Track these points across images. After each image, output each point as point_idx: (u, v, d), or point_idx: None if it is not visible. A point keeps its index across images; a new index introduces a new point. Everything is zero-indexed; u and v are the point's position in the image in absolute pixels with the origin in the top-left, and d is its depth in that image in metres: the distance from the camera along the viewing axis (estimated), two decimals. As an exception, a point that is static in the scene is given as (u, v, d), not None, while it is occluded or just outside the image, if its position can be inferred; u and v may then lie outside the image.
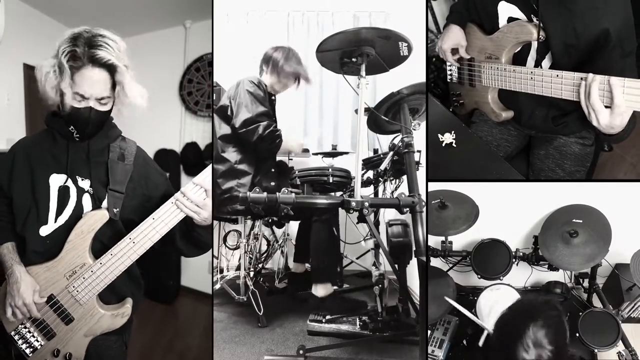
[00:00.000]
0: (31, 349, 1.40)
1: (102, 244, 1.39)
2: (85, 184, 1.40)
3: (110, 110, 1.40)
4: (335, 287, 2.52)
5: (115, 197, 1.38)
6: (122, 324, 1.44)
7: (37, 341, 1.40)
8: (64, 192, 1.38)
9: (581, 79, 1.56)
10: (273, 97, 2.68)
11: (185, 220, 1.37)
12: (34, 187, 1.38)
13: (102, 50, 1.28)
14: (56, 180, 1.39)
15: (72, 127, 1.37)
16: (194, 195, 1.32)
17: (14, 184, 1.40)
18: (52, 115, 1.43)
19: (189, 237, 1.43)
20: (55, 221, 1.38)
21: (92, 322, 1.40)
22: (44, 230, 1.38)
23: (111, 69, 1.31)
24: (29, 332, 1.39)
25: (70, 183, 1.39)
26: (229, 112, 2.54)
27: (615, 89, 1.46)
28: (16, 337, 1.40)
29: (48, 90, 1.32)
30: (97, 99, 1.33)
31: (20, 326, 1.39)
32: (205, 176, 1.35)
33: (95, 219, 1.37)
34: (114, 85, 1.34)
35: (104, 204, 1.39)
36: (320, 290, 2.39)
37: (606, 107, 1.50)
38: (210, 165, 1.38)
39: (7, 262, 1.37)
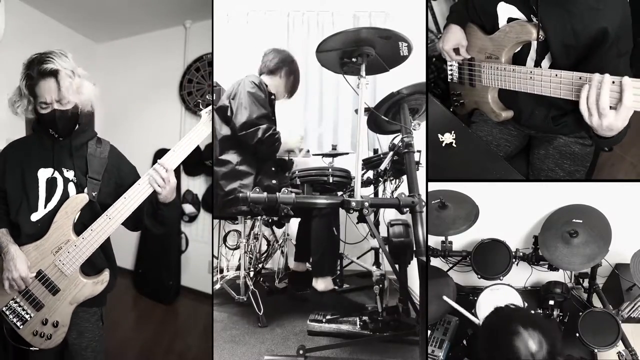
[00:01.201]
0: (22, 322, 1.56)
1: (83, 225, 1.59)
2: (70, 174, 1.64)
3: (73, 109, 1.61)
4: (336, 287, 2.52)
5: (93, 184, 1.63)
6: (102, 290, 1.63)
7: (27, 313, 1.57)
8: (51, 182, 1.62)
9: (580, 78, 1.55)
10: (273, 97, 2.67)
11: (151, 201, 1.61)
12: (24, 181, 1.61)
13: (47, 63, 1.55)
14: (44, 174, 1.62)
15: (50, 129, 1.62)
16: (164, 173, 1.58)
17: (7, 178, 1.63)
18: (37, 122, 1.67)
19: (155, 215, 1.66)
20: (45, 207, 1.60)
21: (76, 290, 1.58)
22: (35, 216, 1.59)
23: (55, 75, 1.56)
24: (19, 306, 1.56)
25: (57, 175, 1.63)
26: (228, 113, 2.53)
27: (627, 89, 1.43)
28: (7, 312, 1.56)
29: (21, 112, 1.62)
30: (57, 101, 1.58)
31: (11, 301, 1.56)
32: (167, 157, 1.59)
33: (77, 201, 1.59)
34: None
35: (86, 189, 1.62)
36: (321, 284, 2.39)
37: (610, 107, 1.48)
38: (174, 148, 1.60)
39: (2, 243, 1.57)
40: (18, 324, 1.56)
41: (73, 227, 1.57)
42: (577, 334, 1.79)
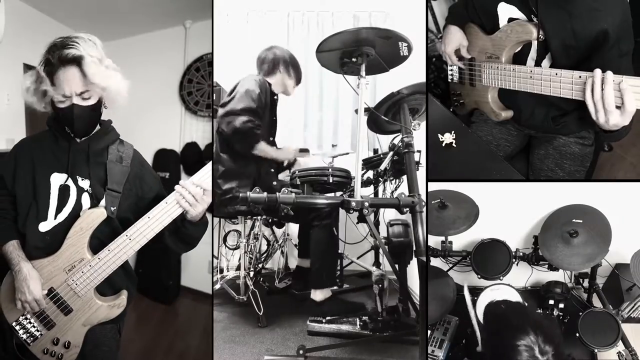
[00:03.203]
0: (32, 338, 1.47)
1: (99, 241, 1.45)
2: (85, 183, 1.45)
3: (96, 104, 1.43)
4: (335, 287, 2.52)
5: (113, 197, 1.44)
6: (118, 314, 1.50)
7: (38, 331, 1.46)
8: (64, 190, 1.44)
9: (580, 77, 1.56)
10: (276, 97, 2.67)
11: (175, 219, 1.43)
12: (35, 185, 1.44)
13: (68, 49, 1.34)
14: (57, 179, 1.44)
15: (66, 127, 1.44)
16: (194, 189, 1.39)
17: (17, 181, 1.46)
18: (53, 117, 1.48)
19: (178, 233, 1.48)
20: (55, 218, 1.43)
21: (90, 312, 1.47)
22: (44, 227, 1.43)
23: (79, 62, 1.35)
24: (30, 322, 1.46)
25: (70, 182, 1.45)
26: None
27: (626, 93, 1.44)
28: (17, 327, 1.46)
29: (33, 101, 1.41)
30: (77, 95, 1.38)
31: (21, 317, 1.45)
32: (201, 175, 1.41)
33: (93, 217, 1.43)
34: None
35: (102, 202, 1.44)
36: (319, 295, 2.41)
37: (616, 107, 1.49)
38: (208, 164, 1.43)
39: (13, 259, 1.42)
40: (28, 340, 1.46)
41: (88, 245, 1.43)
42: (577, 334, 1.79)
